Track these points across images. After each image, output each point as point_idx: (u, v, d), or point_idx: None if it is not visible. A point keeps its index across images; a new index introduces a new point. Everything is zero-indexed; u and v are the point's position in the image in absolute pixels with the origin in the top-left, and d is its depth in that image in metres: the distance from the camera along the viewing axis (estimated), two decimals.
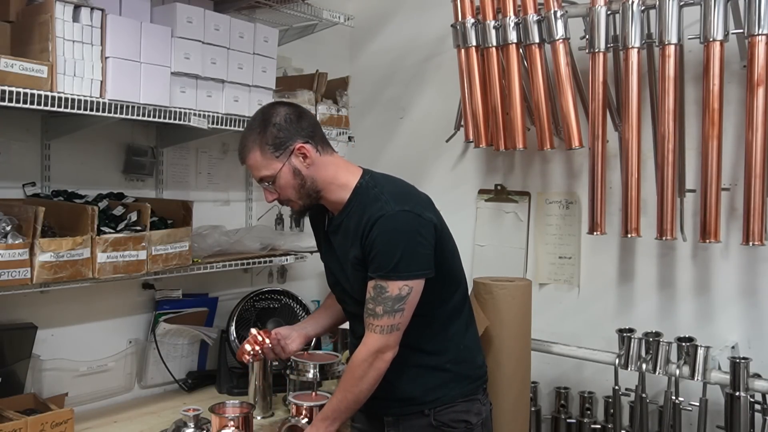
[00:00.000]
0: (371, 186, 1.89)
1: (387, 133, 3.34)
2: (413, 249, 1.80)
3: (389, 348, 1.81)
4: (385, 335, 1.80)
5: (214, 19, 2.27)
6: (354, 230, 1.85)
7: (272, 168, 1.85)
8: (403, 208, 1.82)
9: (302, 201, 1.90)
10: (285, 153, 1.83)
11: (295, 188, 1.87)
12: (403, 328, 1.82)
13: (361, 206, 1.85)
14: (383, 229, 1.79)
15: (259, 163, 1.86)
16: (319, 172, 1.87)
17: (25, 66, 1.81)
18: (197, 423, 1.94)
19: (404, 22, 3.25)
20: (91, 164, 2.42)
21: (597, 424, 2.61)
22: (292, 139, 1.83)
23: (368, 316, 1.81)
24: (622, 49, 2.37)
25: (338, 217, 1.92)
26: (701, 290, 2.50)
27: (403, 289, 1.78)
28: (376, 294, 1.79)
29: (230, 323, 2.68)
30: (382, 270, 1.78)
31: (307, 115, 1.91)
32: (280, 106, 1.88)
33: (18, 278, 1.85)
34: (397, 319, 1.79)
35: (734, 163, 2.37)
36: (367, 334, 1.82)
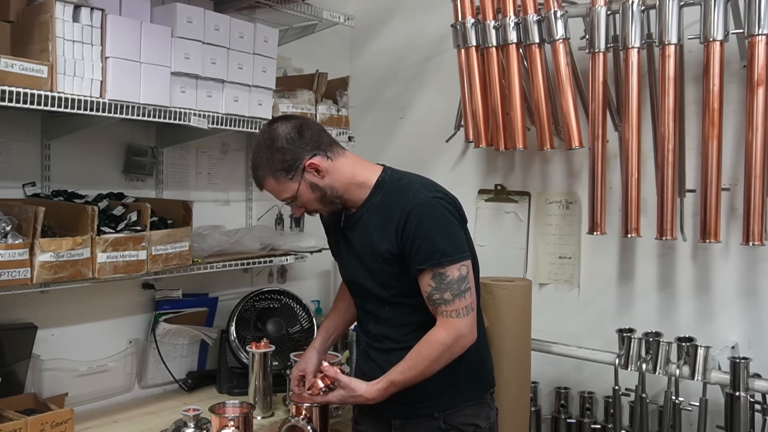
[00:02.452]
0: (396, 179, 1.90)
1: (387, 133, 3.34)
2: (454, 231, 1.84)
3: (470, 333, 1.83)
4: (462, 318, 1.81)
5: (214, 19, 2.27)
6: (384, 224, 1.85)
7: (290, 190, 1.87)
8: (435, 195, 1.85)
9: (328, 208, 1.91)
10: (297, 173, 1.85)
11: (318, 200, 1.89)
12: (475, 308, 1.84)
13: (387, 199, 1.86)
14: (422, 217, 1.80)
15: (276, 188, 1.88)
16: (336, 178, 1.88)
17: (25, 66, 1.81)
18: (197, 423, 1.94)
19: (404, 22, 3.25)
20: (91, 164, 2.42)
21: (597, 424, 2.61)
22: (299, 158, 1.84)
23: (438, 305, 1.81)
24: (622, 49, 2.37)
25: (357, 212, 1.92)
26: (701, 290, 2.50)
27: (461, 269, 1.81)
28: (437, 283, 1.80)
29: (230, 323, 2.68)
30: (433, 258, 1.79)
31: (308, 126, 1.90)
32: (279, 126, 1.87)
33: (18, 278, 1.85)
34: (468, 298, 1.81)
35: (734, 163, 2.37)
36: (443, 320, 1.81)
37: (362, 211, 1.90)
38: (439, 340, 1.81)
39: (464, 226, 1.90)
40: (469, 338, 1.83)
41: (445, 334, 1.81)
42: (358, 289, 1.99)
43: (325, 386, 1.89)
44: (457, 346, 1.82)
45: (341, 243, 2.00)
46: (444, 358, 1.82)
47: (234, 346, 2.65)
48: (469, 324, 1.83)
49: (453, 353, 1.82)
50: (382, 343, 1.94)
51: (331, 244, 2.09)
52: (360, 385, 1.87)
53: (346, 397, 1.88)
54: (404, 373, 1.83)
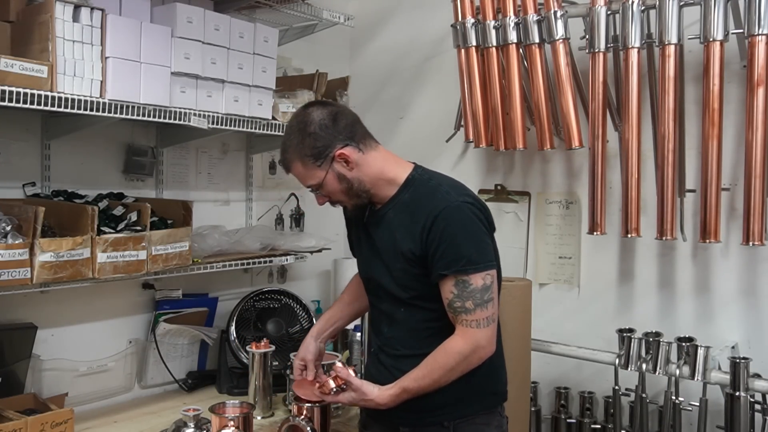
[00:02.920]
0: (426, 178, 1.85)
1: (387, 133, 3.33)
2: (482, 239, 1.78)
3: (489, 344, 1.77)
4: (482, 329, 1.75)
5: (214, 19, 2.27)
6: (409, 224, 1.80)
7: (317, 177, 1.82)
8: (465, 200, 1.79)
9: (353, 201, 1.87)
10: (326, 161, 1.80)
11: (344, 192, 1.84)
12: (497, 320, 1.79)
13: (415, 199, 1.81)
14: (450, 221, 1.75)
15: (302, 173, 1.84)
16: (365, 171, 1.83)
17: (25, 66, 1.81)
18: (197, 423, 1.94)
19: (404, 22, 3.25)
20: (91, 164, 2.42)
21: (597, 424, 2.61)
22: (330, 146, 1.79)
23: (459, 314, 1.75)
24: (622, 49, 2.37)
25: (383, 208, 1.87)
26: (701, 290, 2.50)
27: (486, 278, 1.75)
28: (459, 290, 1.74)
29: (230, 323, 2.68)
30: (458, 264, 1.73)
31: (344, 115, 1.84)
32: (314, 111, 1.82)
33: (18, 278, 1.85)
34: (490, 309, 1.75)
35: (734, 163, 2.37)
36: (462, 329, 1.76)
37: (388, 208, 1.85)
38: (456, 349, 1.76)
39: (492, 235, 1.84)
40: (487, 350, 1.77)
41: (463, 343, 1.75)
42: (375, 288, 1.94)
43: (336, 386, 1.84)
44: (475, 357, 1.76)
45: (363, 238, 1.95)
46: (460, 369, 1.76)
47: (234, 346, 2.65)
48: (488, 335, 1.77)
49: (470, 364, 1.76)
50: (394, 348, 1.89)
51: (352, 238, 2.04)
52: (372, 389, 1.81)
53: (356, 400, 1.83)
54: (418, 380, 1.78)
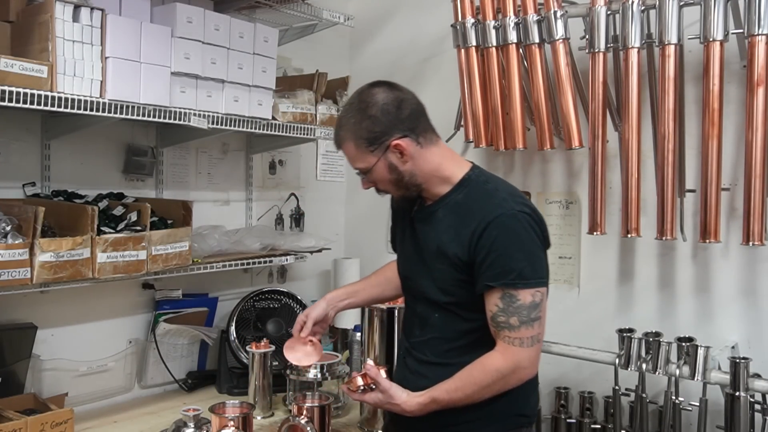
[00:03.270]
0: (482, 181, 1.77)
1: None
2: (536, 253, 1.68)
3: (531, 366, 1.67)
4: (526, 348, 1.65)
5: (214, 19, 2.27)
6: (459, 226, 1.71)
7: (366, 161, 1.73)
8: (523, 209, 1.69)
9: (401, 192, 1.79)
10: (380, 148, 1.71)
11: (392, 182, 1.75)
12: (542, 340, 1.68)
13: (469, 200, 1.73)
14: (503, 229, 1.65)
15: (352, 154, 1.75)
16: (420, 166, 1.74)
17: (25, 66, 1.81)
18: (197, 423, 1.94)
19: (404, 22, 3.25)
20: (91, 164, 2.43)
21: (597, 424, 2.60)
22: (388, 133, 1.70)
23: (502, 329, 1.65)
24: (622, 49, 2.37)
25: (433, 205, 1.79)
26: (701, 290, 2.50)
27: (535, 295, 1.64)
28: (505, 305, 1.64)
29: (230, 323, 2.68)
30: (507, 276, 1.63)
31: (408, 102, 1.75)
32: (379, 93, 1.72)
33: (18, 278, 1.85)
34: (536, 328, 1.64)
35: (734, 163, 2.37)
36: (504, 346, 1.66)
37: (438, 206, 1.77)
38: (495, 366, 1.66)
39: (545, 250, 1.73)
40: (528, 372, 1.68)
41: (503, 361, 1.66)
42: (412, 287, 1.86)
43: (364, 385, 1.77)
44: (514, 378, 1.67)
45: (407, 233, 1.87)
46: (496, 387, 1.67)
47: (234, 346, 2.65)
48: (531, 356, 1.67)
49: (507, 384, 1.67)
50: (423, 353, 1.81)
51: (395, 231, 1.97)
52: (400, 394, 1.72)
53: (383, 402, 1.75)
54: (450, 393, 1.69)
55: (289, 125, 2.58)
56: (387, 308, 2.29)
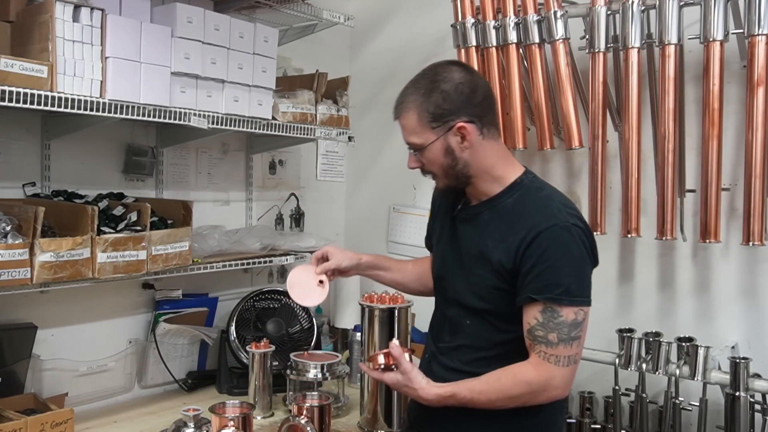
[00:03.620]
0: (536, 187, 1.70)
1: (387, 133, 3.33)
2: (584, 270, 1.62)
3: (563, 386, 1.60)
4: (561, 367, 1.57)
5: (214, 19, 2.27)
6: (506, 232, 1.64)
7: (424, 137, 1.64)
8: (576, 223, 1.62)
9: (448, 180, 1.70)
10: (443, 127, 1.62)
11: (443, 167, 1.67)
12: (578, 361, 1.62)
13: (519, 206, 1.66)
14: (555, 241, 1.58)
15: (411, 127, 1.66)
16: (476, 158, 1.66)
17: (25, 66, 1.81)
18: (197, 423, 1.94)
19: (404, 22, 3.25)
20: (91, 164, 2.43)
21: (597, 424, 2.60)
22: (456, 114, 1.62)
23: (538, 343, 1.58)
24: (622, 49, 2.37)
25: (478, 206, 1.72)
26: (701, 290, 2.50)
27: (578, 314, 1.57)
28: (546, 319, 1.57)
29: (230, 323, 2.68)
30: (552, 291, 1.56)
31: (482, 89, 1.68)
32: (455, 71, 1.65)
33: (18, 278, 1.85)
34: (574, 348, 1.57)
35: (734, 163, 2.37)
36: (538, 361, 1.59)
37: (484, 208, 1.70)
38: (526, 378, 1.59)
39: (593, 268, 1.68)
40: (559, 392, 1.60)
41: (535, 375, 1.58)
42: (446, 289, 1.79)
43: (384, 364, 1.71)
44: (543, 396, 1.60)
45: (446, 232, 1.80)
46: (521, 400, 1.60)
47: (234, 346, 2.65)
48: (566, 376, 1.59)
49: (533, 400, 1.60)
50: (451, 359, 1.76)
51: (432, 228, 1.90)
52: (420, 379, 1.66)
53: (401, 384, 1.68)
54: (473, 392, 1.62)
55: (289, 125, 2.58)
56: (387, 308, 2.29)
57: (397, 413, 2.30)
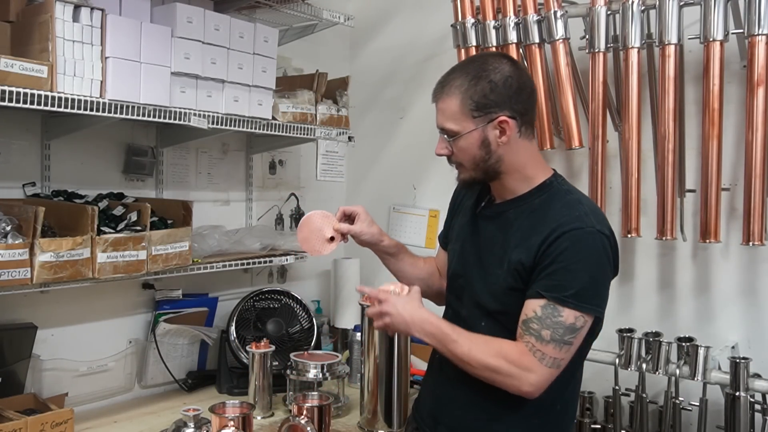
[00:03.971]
0: (564, 189, 1.68)
1: (387, 133, 3.34)
2: (600, 280, 1.59)
3: (536, 386, 1.56)
4: (543, 366, 1.54)
5: (214, 19, 2.27)
6: (529, 231, 1.61)
7: (462, 125, 1.61)
8: (603, 230, 1.59)
9: (475, 173, 1.66)
10: (484, 118, 1.59)
11: (475, 159, 1.63)
12: (562, 368, 1.57)
13: (546, 207, 1.63)
14: (577, 245, 1.55)
15: (451, 112, 1.62)
16: (510, 155, 1.64)
17: (25, 66, 1.81)
18: (197, 423, 1.94)
19: (404, 22, 3.25)
20: (91, 164, 2.43)
21: (597, 424, 2.60)
22: (500, 107, 1.59)
23: (530, 335, 1.56)
24: (622, 49, 2.37)
25: (503, 204, 1.71)
26: (701, 290, 2.50)
27: (579, 319, 1.54)
28: (545, 315, 1.54)
29: (230, 323, 2.68)
30: (560, 291, 1.53)
31: (528, 86, 1.66)
32: (506, 64, 1.63)
33: (18, 278, 1.85)
34: (563, 352, 1.55)
35: (734, 163, 2.37)
36: (524, 349, 1.56)
37: (510, 207, 1.68)
38: (509, 356, 1.56)
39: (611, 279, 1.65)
40: (531, 389, 1.56)
41: (517, 358, 1.55)
42: (462, 288, 1.75)
43: None
44: (514, 383, 1.56)
45: (466, 230, 1.78)
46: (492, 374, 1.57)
47: (234, 346, 2.65)
48: (544, 377, 1.55)
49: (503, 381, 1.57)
50: None
51: (450, 225, 1.88)
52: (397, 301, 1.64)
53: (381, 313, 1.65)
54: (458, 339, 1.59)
55: (289, 125, 2.58)
56: None
57: (397, 413, 2.30)
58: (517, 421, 1.68)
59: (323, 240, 1.83)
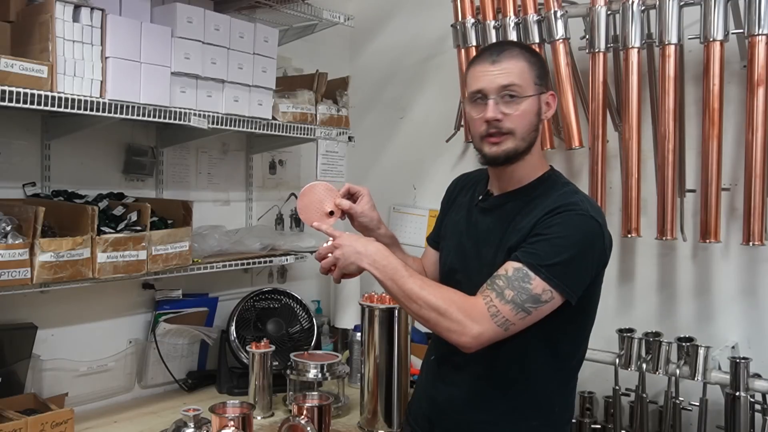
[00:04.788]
0: (563, 182, 1.72)
1: (387, 133, 3.34)
2: (580, 262, 1.57)
3: (477, 339, 1.52)
4: (493, 322, 1.51)
5: (214, 19, 2.27)
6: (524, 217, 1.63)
7: (527, 87, 1.62)
8: (596, 218, 1.60)
9: (520, 143, 1.63)
10: (542, 88, 1.66)
11: (530, 125, 1.64)
12: (512, 333, 1.54)
13: (544, 197, 1.65)
14: (567, 222, 1.56)
15: (519, 71, 1.62)
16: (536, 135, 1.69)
17: (25, 66, 1.81)
18: (197, 423, 1.94)
19: (404, 22, 3.25)
20: (91, 164, 2.43)
21: (597, 424, 2.60)
22: (547, 84, 1.69)
23: (492, 290, 1.53)
24: (622, 49, 2.37)
25: (502, 197, 1.72)
26: (701, 290, 2.50)
27: (546, 293, 1.52)
28: (514, 277, 1.52)
29: (230, 323, 2.68)
30: (536, 259, 1.52)
31: None
32: None
33: (18, 278, 1.85)
34: (518, 318, 1.51)
35: (734, 163, 2.37)
36: (478, 301, 1.53)
37: (509, 199, 1.69)
38: (459, 303, 1.54)
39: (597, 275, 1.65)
40: (470, 342, 1.53)
41: (468, 307, 1.53)
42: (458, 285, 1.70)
43: None
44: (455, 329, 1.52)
45: (462, 224, 1.78)
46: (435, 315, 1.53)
47: (234, 346, 2.65)
48: (488, 333, 1.52)
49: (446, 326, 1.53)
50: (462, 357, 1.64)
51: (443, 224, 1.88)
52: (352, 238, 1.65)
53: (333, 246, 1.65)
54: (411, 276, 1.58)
55: (289, 125, 2.58)
56: (387, 308, 2.29)
57: (397, 413, 2.30)
58: (516, 423, 1.68)
59: (322, 213, 1.81)
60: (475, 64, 1.69)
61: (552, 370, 1.67)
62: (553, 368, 1.67)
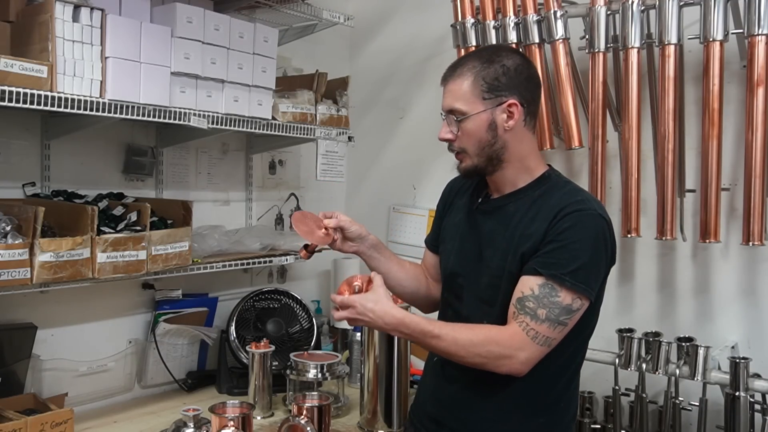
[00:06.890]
0: (563, 181, 1.71)
1: (387, 133, 3.34)
2: (598, 261, 1.59)
3: (526, 364, 1.55)
4: (536, 345, 1.53)
5: (214, 19, 2.27)
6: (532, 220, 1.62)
7: (471, 106, 1.62)
8: (603, 216, 1.61)
9: (478, 160, 1.65)
10: (494, 101, 1.61)
11: (481, 143, 1.63)
12: (551, 347, 1.56)
13: (547, 197, 1.64)
14: (578, 225, 1.56)
15: (462, 93, 1.63)
16: (514, 143, 1.65)
17: (25, 66, 1.81)
18: (197, 423, 1.94)
19: (404, 22, 3.25)
20: (91, 164, 2.43)
21: (597, 424, 2.60)
22: (510, 91, 1.62)
23: (524, 315, 1.54)
24: (622, 49, 2.37)
25: (502, 198, 1.71)
26: (701, 290, 2.50)
27: (575, 301, 1.54)
28: (542, 294, 1.53)
29: (230, 323, 2.68)
30: (558, 269, 1.53)
31: (536, 79, 1.71)
32: (517, 55, 1.69)
33: (18, 278, 1.85)
34: (557, 332, 1.54)
35: (734, 163, 2.37)
36: (516, 329, 1.54)
37: (509, 200, 1.69)
38: (497, 338, 1.54)
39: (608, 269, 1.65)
40: (521, 368, 1.55)
41: (508, 339, 1.54)
42: (462, 286, 1.73)
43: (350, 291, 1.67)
44: (505, 363, 1.54)
45: (461, 227, 1.78)
46: (481, 357, 1.54)
47: (234, 346, 2.65)
48: (534, 355, 1.54)
49: (493, 363, 1.55)
50: None
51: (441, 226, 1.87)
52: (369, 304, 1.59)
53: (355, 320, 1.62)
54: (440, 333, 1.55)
55: (289, 125, 2.58)
56: None
57: (397, 413, 2.30)
58: (524, 420, 1.68)
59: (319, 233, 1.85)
60: None
61: (558, 367, 1.67)
62: (558, 366, 1.68)
